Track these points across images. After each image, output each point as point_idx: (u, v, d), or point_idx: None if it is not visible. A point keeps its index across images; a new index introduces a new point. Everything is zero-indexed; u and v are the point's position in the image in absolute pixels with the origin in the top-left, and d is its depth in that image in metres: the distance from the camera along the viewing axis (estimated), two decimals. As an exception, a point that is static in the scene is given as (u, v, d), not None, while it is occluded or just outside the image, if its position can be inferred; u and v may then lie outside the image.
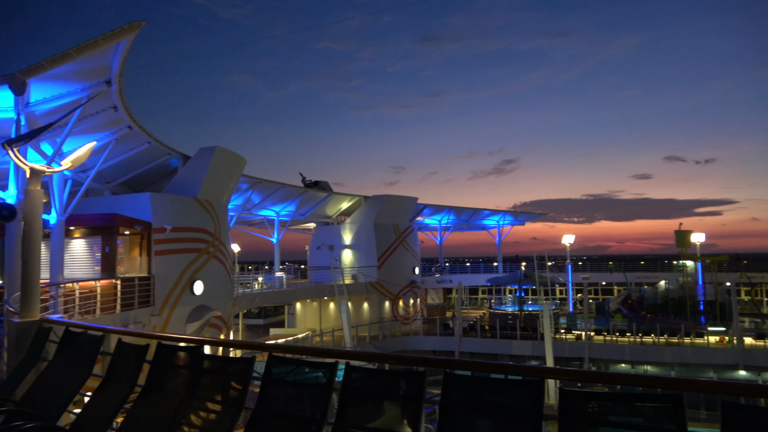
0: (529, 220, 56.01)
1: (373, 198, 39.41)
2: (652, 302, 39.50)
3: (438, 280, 46.35)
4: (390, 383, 3.82)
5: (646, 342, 30.50)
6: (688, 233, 40.55)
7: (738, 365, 27.65)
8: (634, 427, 2.94)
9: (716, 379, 3.60)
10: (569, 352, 30.63)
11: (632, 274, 46.58)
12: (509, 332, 32.97)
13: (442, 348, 34.01)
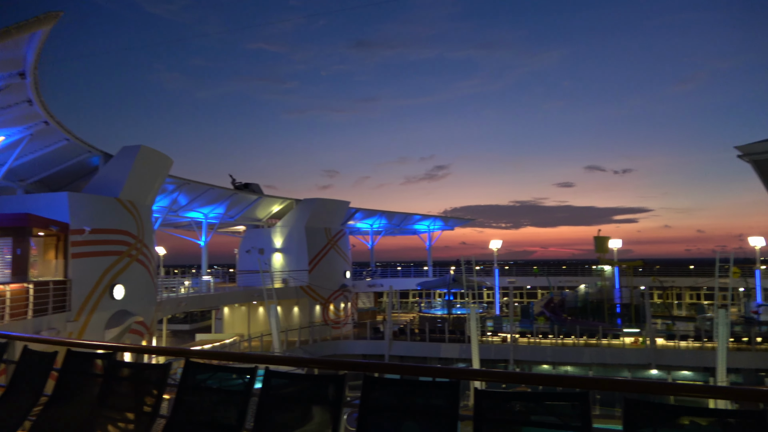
0: (459, 225, 57.25)
1: (305, 201, 39.10)
2: (573, 305, 41.25)
3: (369, 284, 46.52)
4: (310, 388, 3.80)
5: (567, 343, 31.78)
6: (607, 239, 42.70)
7: (650, 365, 29.28)
8: (544, 425, 3.06)
9: (616, 378, 3.79)
10: (495, 354, 31.47)
11: (555, 278, 48.50)
12: (438, 335, 33.52)
13: (372, 352, 34.12)
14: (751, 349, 28.82)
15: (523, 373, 3.19)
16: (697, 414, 2.94)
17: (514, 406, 3.13)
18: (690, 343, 30.44)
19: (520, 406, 3.12)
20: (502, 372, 3.89)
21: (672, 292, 48.66)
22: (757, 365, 28.09)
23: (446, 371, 3.68)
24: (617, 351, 30.64)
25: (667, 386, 3.14)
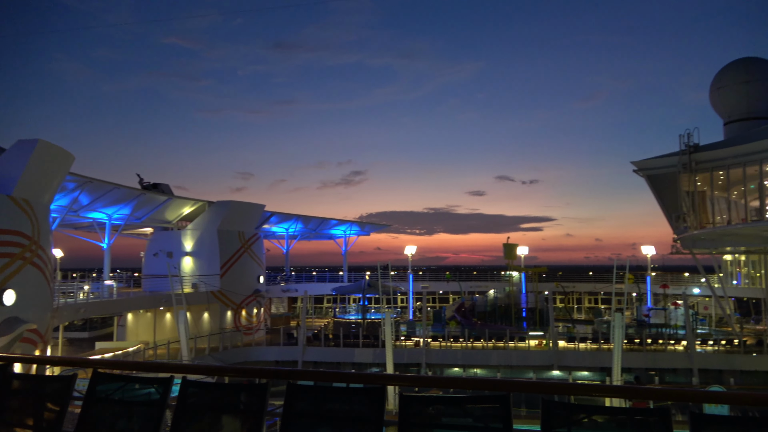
0: (375, 230, 57.70)
1: (218, 203, 37.91)
2: (483, 310, 42.65)
3: (283, 288, 45.80)
4: (230, 397, 3.67)
5: (477, 347, 32.80)
6: (515, 246, 44.53)
7: (553, 366, 30.80)
8: (468, 428, 3.13)
9: (536, 380, 3.96)
10: (408, 358, 31.91)
11: (466, 283, 49.99)
12: (352, 340, 33.53)
13: (285, 358, 33.58)
14: (642, 350, 31.03)
15: (447, 377, 3.25)
16: (606, 413, 3.12)
17: (439, 409, 3.19)
18: (588, 344, 32.32)
19: (444, 410, 3.18)
20: (426, 377, 3.95)
21: (573, 297, 51.48)
22: (647, 365, 30.28)
23: (373, 377, 3.68)
24: (523, 353, 31.98)
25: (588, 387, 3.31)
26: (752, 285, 43.25)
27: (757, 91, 38.71)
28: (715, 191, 38.03)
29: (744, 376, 28.92)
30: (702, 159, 36.72)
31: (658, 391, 3.29)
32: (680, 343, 31.99)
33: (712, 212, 38.57)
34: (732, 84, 39.44)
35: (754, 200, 36.50)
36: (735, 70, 39.88)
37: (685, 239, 37.29)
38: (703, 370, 29.33)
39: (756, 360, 29.69)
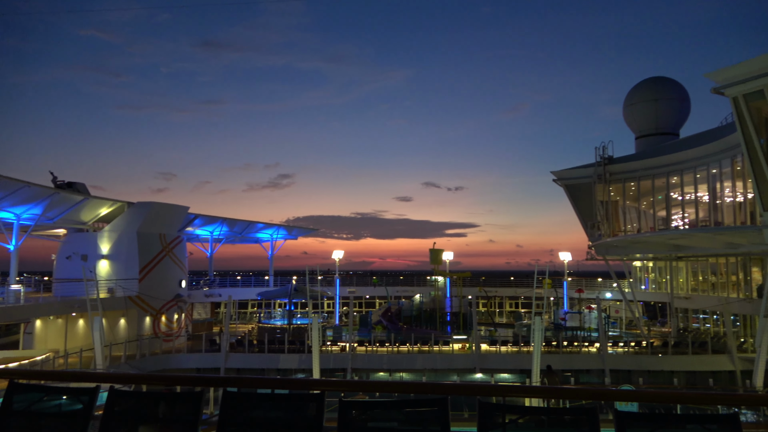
0: (302, 234, 57.17)
1: (138, 205, 36.32)
2: (409, 314, 43.16)
3: (206, 293, 44.47)
4: (162, 406, 3.54)
5: (402, 351, 33.14)
6: (440, 252, 45.41)
7: (475, 368, 31.61)
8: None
9: (481, 383, 4.06)
10: (334, 364, 31.78)
11: (393, 288, 50.46)
12: (277, 346, 33.02)
13: (206, 365, 32.57)
14: (559, 351, 32.42)
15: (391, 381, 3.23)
16: (540, 412, 3.26)
17: (378, 414, 3.21)
18: (509, 347, 33.43)
19: (383, 414, 3.21)
20: (372, 382, 3.96)
21: (495, 301, 53.09)
22: (564, 366, 31.62)
23: (326, 383, 3.65)
24: (447, 357, 32.63)
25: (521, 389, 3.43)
26: (658, 290, 46.23)
27: (665, 109, 41.53)
28: (627, 201, 40.43)
29: (651, 376, 30.80)
30: (615, 171, 38.97)
31: (613, 392, 3.47)
32: (594, 345, 33.68)
33: (624, 221, 40.95)
34: (643, 101, 42.11)
35: (662, 210, 39.10)
36: (645, 88, 42.61)
37: (599, 246, 39.38)
38: (615, 371, 31.00)
39: (661, 360, 31.72)
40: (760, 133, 20.52)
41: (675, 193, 36.40)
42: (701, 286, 40.62)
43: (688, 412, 3.19)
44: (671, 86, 42.31)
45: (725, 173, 31.40)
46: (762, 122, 20.56)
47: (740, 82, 20.07)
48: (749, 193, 28.31)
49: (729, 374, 30.84)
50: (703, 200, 34.50)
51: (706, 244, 31.07)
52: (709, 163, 32.31)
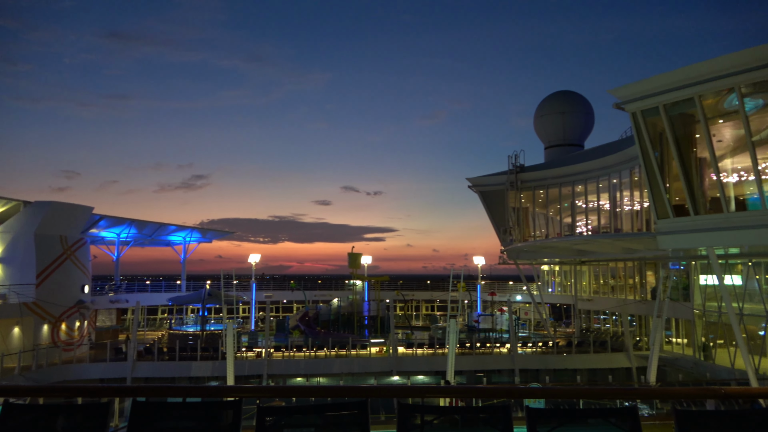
0: (217, 237, 55.50)
1: (35, 204, 33.86)
2: (327, 318, 42.98)
3: (112, 299, 42.13)
4: (61, 420, 3.31)
5: (320, 356, 32.93)
6: (359, 256, 45.57)
7: (392, 371, 31.93)
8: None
9: (400, 384, 4.11)
10: (249, 370, 31.05)
11: (311, 292, 50.05)
12: (189, 353, 31.82)
13: (111, 375, 30.83)
14: (472, 353, 33.40)
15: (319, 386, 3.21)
16: (454, 412, 3.34)
17: (299, 419, 3.17)
18: (425, 350, 34.05)
19: (303, 419, 3.17)
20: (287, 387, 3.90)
21: (412, 305, 53.93)
22: (476, 367, 32.64)
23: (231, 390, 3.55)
24: (364, 360, 32.75)
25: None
26: (564, 292, 48.72)
27: (572, 121, 43.96)
28: (537, 208, 42.38)
29: (556, 374, 32.39)
30: (526, 179, 40.75)
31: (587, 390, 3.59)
32: (505, 346, 34.97)
33: (533, 227, 42.89)
34: (551, 113, 44.36)
35: (567, 217, 41.28)
36: (554, 101, 44.92)
37: (511, 251, 41.00)
38: (524, 370, 32.34)
39: (566, 359, 33.43)
40: (655, 147, 22.16)
41: (580, 201, 38.56)
42: (602, 289, 43.21)
43: (590, 407, 3.41)
44: (578, 100, 44.86)
45: (624, 183, 33.62)
46: (657, 137, 22.21)
47: (639, 98, 21.60)
48: (645, 202, 30.48)
49: (626, 371, 32.98)
50: (605, 208, 36.76)
51: (607, 249, 33.13)
52: (611, 173, 34.46)
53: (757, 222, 19.40)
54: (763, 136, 20.40)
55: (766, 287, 28.11)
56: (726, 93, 19.42)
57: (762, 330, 27.60)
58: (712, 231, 20.65)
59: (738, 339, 22.87)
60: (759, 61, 17.96)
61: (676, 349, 33.88)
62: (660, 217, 22.29)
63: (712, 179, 20.60)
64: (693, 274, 32.10)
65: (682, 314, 32.38)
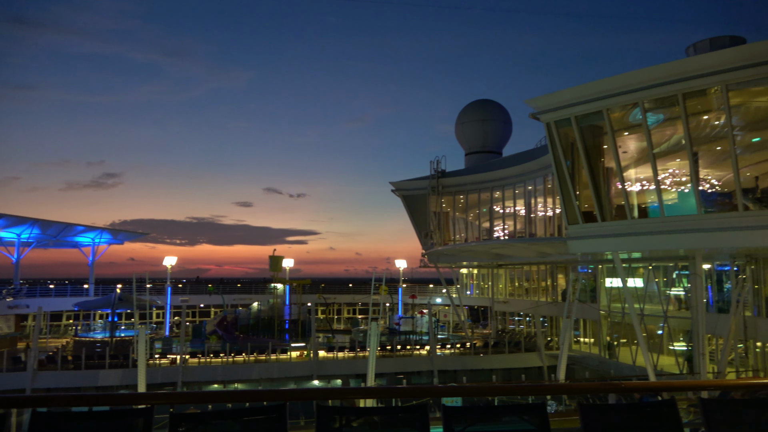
0: (130, 239, 53.02)
1: None
2: (246, 323, 42.06)
3: (10, 304, 39.21)
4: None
5: (238, 361, 32.16)
6: (280, 259, 44.96)
7: (313, 375, 31.70)
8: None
9: (318, 387, 4.10)
10: (162, 378, 29.84)
11: (229, 296, 48.81)
12: (97, 361, 30.18)
13: (8, 386, 28.61)
14: (393, 355, 33.75)
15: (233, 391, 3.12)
16: (373, 413, 3.38)
17: (215, 425, 3.09)
18: (346, 353, 34.05)
19: (220, 426, 3.10)
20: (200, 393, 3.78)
21: (333, 308, 53.80)
22: (396, 369, 33.02)
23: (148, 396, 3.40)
24: (284, 365, 32.32)
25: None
26: (481, 295, 50.26)
27: (491, 129, 45.49)
28: (457, 212, 43.49)
29: (473, 374, 33.34)
30: (447, 184, 41.74)
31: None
32: (424, 348, 35.59)
33: (454, 231, 43.97)
34: (472, 121, 45.72)
35: (486, 222, 42.62)
36: (475, 109, 46.33)
37: (431, 254, 41.84)
38: (443, 371, 33.05)
39: (483, 359, 34.50)
40: (567, 156, 23.35)
41: (497, 207, 39.95)
42: (517, 291, 44.95)
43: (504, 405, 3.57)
44: (497, 109, 46.50)
45: (539, 190, 35.16)
46: (569, 146, 23.41)
47: (552, 109, 22.68)
48: (557, 209, 32.02)
49: (538, 369, 34.47)
50: (521, 214, 38.27)
51: (522, 253, 34.52)
52: (526, 180, 35.93)
53: (656, 228, 20.85)
54: (664, 149, 21.97)
55: (664, 290, 30.27)
56: (631, 107, 20.76)
57: (660, 329, 29.69)
58: (617, 236, 22.01)
59: (639, 338, 24.46)
60: (660, 78, 19.34)
61: (584, 348, 35.76)
62: (570, 223, 23.48)
63: (618, 188, 21.96)
64: (600, 277, 34.03)
65: (590, 315, 34.22)
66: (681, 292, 29.25)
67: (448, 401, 14.25)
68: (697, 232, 19.86)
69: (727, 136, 18.80)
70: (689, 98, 19.07)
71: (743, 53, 18.07)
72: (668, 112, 20.36)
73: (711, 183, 23.07)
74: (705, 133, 21.34)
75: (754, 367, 25.28)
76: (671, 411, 3.43)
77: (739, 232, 18.99)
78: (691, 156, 19.58)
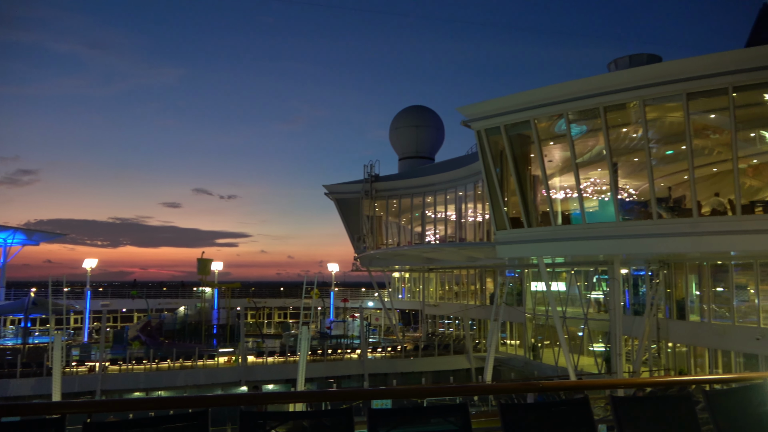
0: (46, 240, 50.07)
1: None
2: (171, 328, 40.68)
3: None
4: None
5: (162, 368, 31.02)
6: (209, 261, 43.77)
7: (241, 381, 31.03)
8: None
9: (243, 393, 4.01)
10: (80, 386, 28.36)
11: (154, 300, 47.02)
12: (7, 370, 28.30)
13: None
14: (323, 360, 33.57)
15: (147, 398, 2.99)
16: (299, 417, 3.36)
17: None
18: (276, 358, 33.57)
19: None
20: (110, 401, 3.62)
21: (264, 312, 52.92)
22: (327, 373, 32.87)
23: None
24: (211, 371, 31.47)
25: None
26: (413, 298, 50.85)
27: (424, 135, 46.24)
28: (390, 217, 43.86)
29: (403, 377, 33.67)
30: (380, 188, 42.04)
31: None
32: (355, 352, 35.61)
33: (386, 235, 44.32)
34: (406, 126, 46.31)
35: (418, 226, 43.22)
36: (409, 114, 46.95)
37: (364, 258, 41.97)
38: (373, 375, 33.16)
39: (413, 363, 34.91)
40: (496, 163, 24.08)
41: (429, 212, 40.60)
42: (447, 295, 45.80)
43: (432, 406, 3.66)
44: (431, 115, 47.31)
45: (469, 196, 36.02)
46: (498, 154, 24.15)
47: (483, 118, 23.35)
48: (487, 214, 32.92)
49: (466, 372, 35.23)
50: (452, 219, 39.07)
51: (453, 257, 35.24)
52: (457, 186, 36.74)
53: (578, 235, 21.84)
54: (586, 159, 23.06)
55: (585, 293, 31.70)
56: (557, 118, 21.67)
57: (581, 331, 31.05)
58: (542, 242, 22.88)
59: (561, 339, 25.51)
60: (583, 92, 20.31)
61: (510, 350, 36.88)
62: (498, 229, 24.20)
63: (543, 195, 22.85)
64: (526, 281, 35.22)
65: (516, 318, 35.34)
66: (600, 295, 30.72)
67: (378, 404, 14.35)
68: (616, 238, 20.96)
69: (643, 148, 19.96)
70: (610, 111, 20.12)
71: (659, 71, 19.28)
72: (590, 123, 21.40)
73: (629, 192, 24.41)
74: (624, 145, 22.58)
75: (665, 366, 26.90)
76: (584, 409, 3.63)
77: (653, 239, 20.19)
78: (611, 166, 20.66)
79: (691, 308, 25.92)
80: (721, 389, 4.81)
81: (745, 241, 18.57)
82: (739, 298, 23.50)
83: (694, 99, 18.44)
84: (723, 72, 17.52)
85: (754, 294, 22.64)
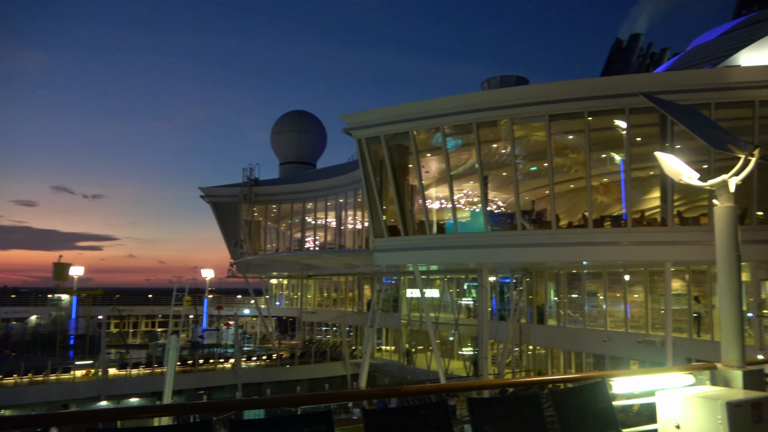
0: None
1: None
2: (20, 339, 36.94)
3: None
4: None
5: (8, 383, 28.02)
6: (67, 266, 40.26)
7: (101, 396, 28.79)
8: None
9: (98, 409, 3.73)
10: None
11: (1, 308, 42.36)
12: None
13: None
14: (194, 370, 32.10)
15: None
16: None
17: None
18: (141, 370, 31.55)
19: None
20: None
21: (129, 321, 49.59)
22: (198, 384, 31.46)
23: None
24: (67, 386, 28.94)
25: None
26: (290, 305, 50.24)
27: (306, 141, 46.01)
28: (269, 222, 43.07)
29: (279, 386, 33.09)
30: (260, 192, 41.15)
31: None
32: (229, 361, 34.44)
33: (265, 241, 43.44)
34: (288, 131, 45.82)
35: (298, 232, 42.83)
36: (291, 119, 46.51)
37: (241, 264, 40.79)
38: (247, 384, 32.26)
39: (289, 371, 34.43)
40: (376, 172, 24.54)
41: (310, 218, 40.40)
42: (325, 302, 45.80)
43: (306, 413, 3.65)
44: (313, 121, 47.19)
45: (349, 203, 36.34)
46: (378, 163, 24.62)
47: (365, 126, 23.71)
48: (366, 222, 33.40)
49: (342, 378, 35.40)
50: (331, 225, 39.17)
51: (331, 264, 35.31)
52: (338, 193, 36.93)
53: (451, 243, 22.82)
54: (459, 171, 24.19)
55: (456, 299, 33.17)
56: (434, 131, 22.54)
57: (452, 336, 32.42)
58: (418, 250, 23.63)
59: (433, 344, 26.45)
60: (459, 107, 21.31)
61: (385, 356, 37.61)
62: (376, 236, 24.64)
63: (420, 205, 23.63)
64: (402, 288, 36.16)
65: (392, 324, 36.13)
66: (470, 301, 32.31)
67: (250, 414, 13.96)
68: (485, 248, 22.17)
69: (511, 163, 21.36)
70: (482, 127, 21.29)
71: (525, 92, 20.76)
72: (464, 138, 22.49)
73: (497, 204, 25.97)
74: (494, 160, 23.99)
75: (527, 367, 28.85)
76: (442, 411, 3.81)
77: (517, 248, 21.62)
78: (482, 179, 21.84)
79: (550, 313, 28.07)
80: (565, 388, 5.25)
81: (596, 252, 20.47)
82: (590, 304, 25.84)
83: (556, 120, 20.05)
84: (580, 97, 19.23)
85: (602, 300, 25.01)
